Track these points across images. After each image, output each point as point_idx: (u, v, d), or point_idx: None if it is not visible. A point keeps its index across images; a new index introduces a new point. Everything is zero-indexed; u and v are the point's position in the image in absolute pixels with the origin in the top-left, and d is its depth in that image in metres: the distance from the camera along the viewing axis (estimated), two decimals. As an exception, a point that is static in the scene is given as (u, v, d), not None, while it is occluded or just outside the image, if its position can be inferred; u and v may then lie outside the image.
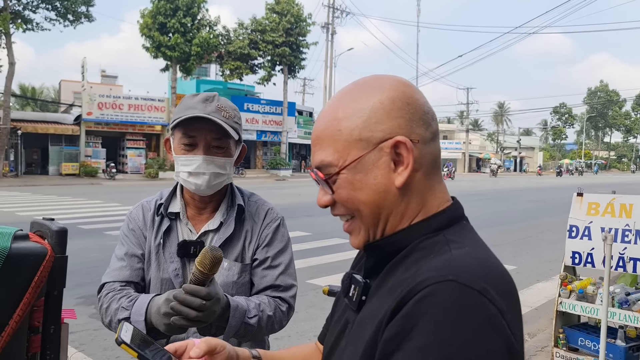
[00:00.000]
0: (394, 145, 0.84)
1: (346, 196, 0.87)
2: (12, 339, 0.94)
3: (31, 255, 0.97)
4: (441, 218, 0.87)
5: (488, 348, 0.70)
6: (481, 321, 0.71)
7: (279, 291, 1.65)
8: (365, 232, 0.89)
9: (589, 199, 4.29)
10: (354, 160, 0.85)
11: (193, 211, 1.70)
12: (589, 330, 4.39)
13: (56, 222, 1.07)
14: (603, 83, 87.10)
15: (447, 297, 0.72)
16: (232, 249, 1.66)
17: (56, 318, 1.03)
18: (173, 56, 31.79)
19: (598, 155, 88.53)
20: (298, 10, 37.60)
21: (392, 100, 0.85)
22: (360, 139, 0.85)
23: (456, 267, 0.76)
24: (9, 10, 26.59)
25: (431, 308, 0.71)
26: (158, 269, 1.65)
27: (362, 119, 0.85)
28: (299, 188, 25.39)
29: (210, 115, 1.54)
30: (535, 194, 25.86)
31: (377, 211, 0.86)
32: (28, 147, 31.26)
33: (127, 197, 18.54)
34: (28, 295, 0.95)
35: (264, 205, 1.76)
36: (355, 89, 0.90)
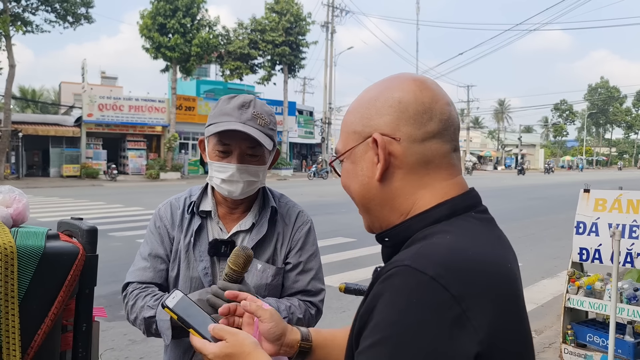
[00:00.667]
0: (373, 141, 0.89)
1: (343, 183, 0.97)
2: (47, 337, 0.95)
3: (65, 254, 0.97)
4: (440, 210, 0.88)
5: (429, 331, 0.72)
6: (427, 305, 0.73)
7: (309, 295, 1.67)
8: (364, 218, 0.98)
9: (596, 195, 4.29)
10: (347, 150, 0.94)
11: (224, 210, 1.69)
12: (597, 326, 4.39)
13: (86, 222, 1.08)
14: (604, 79, 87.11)
15: (399, 281, 0.76)
16: (263, 250, 1.66)
17: (88, 316, 1.04)
18: (173, 57, 31.79)
19: (599, 151, 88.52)
20: (297, 9, 37.60)
21: (386, 98, 0.90)
22: (355, 131, 0.93)
23: (419, 253, 0.79)
24: (9, 12, 26.60)
25: (386, 290, 0.76)
26: (187, 268, 1.64)
27: (360, 114, 0.93)
28: (301, 187, 25.40)
29: (246, 125, 1.53)
30: (536, 192, 25.87)
31: (363, 201, 0.94)
32: (29, 150, 31.27)
33: (129, 198, 18.55)
34: (62, 294, 0.96)
35: (294, 207, 1.76)
36: (369, 88, 0.97)
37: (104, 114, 31.63)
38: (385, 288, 0.77)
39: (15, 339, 0.90)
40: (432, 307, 0.72)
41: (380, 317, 0.75)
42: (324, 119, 44.46)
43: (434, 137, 0.89)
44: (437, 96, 0.91)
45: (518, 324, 0.81)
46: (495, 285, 0.79)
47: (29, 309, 0.93)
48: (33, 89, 46.20)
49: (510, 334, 0.78)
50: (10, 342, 0.89)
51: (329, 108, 44.08)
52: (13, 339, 0.89)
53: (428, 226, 0.87)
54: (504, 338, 0.76)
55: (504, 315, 0.78)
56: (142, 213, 14.45)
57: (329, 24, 43.42)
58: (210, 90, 40.04)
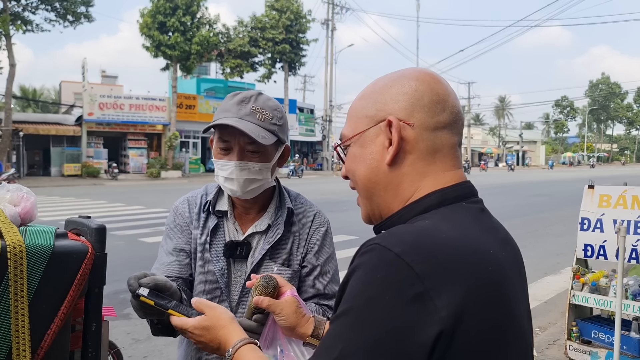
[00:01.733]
0: (387, 124, 0.90)
1: (348, 167, 0.98)
2: (57, 337, 0.94)
3: (74, 253, 0.96)
4: (431, 199, 0.89)
5: (388, 305, 0.74)
6: (388, 281, 0.76)
7: (326, 299, 1.63)
8: (364, 206, 0.98)
9: (601, 192, 4.27)
10: (357, 134, 0.94)
11: (240, 210, 1.66)
12: (602, 322, 4.38)
13: (94, 220, 1.06)
14: (604, 75, 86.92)
15: (368, 257, 0.79)
16: (279, 252, 1.62)
17: (97, 315, 1.03)
18: (173, 55, 31.75)
19: (601, 148, 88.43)
20: (298, 7, 37.54)
21: (401, 84, 0.92)
22: (367, 115, 0.93)
23: (390, 232, 0.82)
24: (9, 11, 26.57)
25: (357, 267, 0.80)
26: (203, 267, 1.61)
27: (372, 99, 0.94)
28: (302, 185, 25.38)
29: (242, 120, 1.49)
30: (539, 188, 25.84)
31: (369, 185, 0.93)
32: (30, 149, 31.27)
33: (131, 197, 18.55)
34: (72, 293, 0.95)
35: (311, 208, 1.71)
36: (382, 77, 0.97)
37: (104, 113, 31.61)
38: (357, 265, 0.80)
39: (25, 339, 0.88)
40: (393, 282, 0.74)
41: (349, 290, 0.79)
42: (325, 117, 44.43)
43: (445, 127, 0.91)
44: (449, 90, 0.94)
45: (495, 310, 0.79)
46: (469, 269, 0.78)
47: (38, 309, 0.92)
48: (34, 89, 46.19)
49: (484, 321, 0.77)
50: (20, 342, 0.88)
51: (330, 106, 44.06)
52: (23, 339, 0.88)
53: (417, 215, 0.88)
54: (474, 323, 0.75)
55: (477, 299, 0.77)
56: (144, 212, 14.45)
57: (329, 21, 43.37)
58: (211, 89, 40.01)
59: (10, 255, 0.88)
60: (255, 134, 1.47)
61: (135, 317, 5.44)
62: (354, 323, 0.76)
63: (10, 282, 0.88)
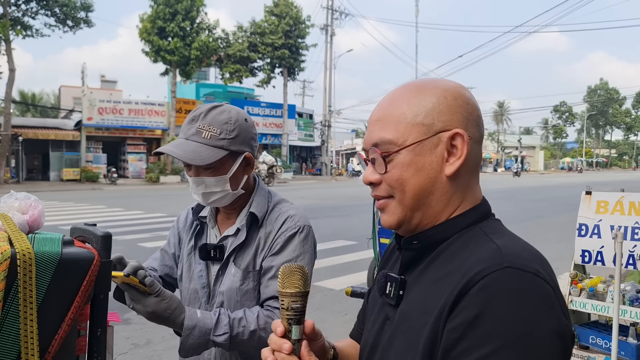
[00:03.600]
0: (452, 136, 0.91)
1: (397, 176, 0.92)
2: (64, 342, 0.96)
3: (81, 260, 0.98)
4: (475, 213, 0.94)
5: (549, 322, 0.76)
6: (539, 300, 0.77)
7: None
8: (402, 213, 0.94)
9: (598, 197, 4.30)
10: (415, 142, 0.91)
11: (222, 216, 1.76)
12: (600, 328, 4.40)
13: (100, 228, 1.09)
14: (603, 81, 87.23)
15: (507, 283, 0.78)
16: (244, 255, 1.67)
17: (103, 321, 1.05)
18: (172, 60, 31.84)
19: (599, 153, 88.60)
20: (297, 12, 37.69)
21: (455, 97, 0.93)
22: (423, 124, 0.91)
23: (507, 254, 0.82)
24: (9, 16, 26.64)
25: (493, 296, 0.77)
26: (189, 269, 1.75)
27: (426, 108, 0.92)
28: (301, 191, 25.41)
29: (187, 141, 1.58)
30: (538, 194, 25.88)
31: (422, 195, 0.92)
32: (29, 154, 31.30)
33: (130, 202, 18.56)
34: (78, 299, 0.97)
35: (286, 212, 1.71)
36: (419, 83, 0.98)
37: (103, 118, 31.66)
38: (490, 295, 0.77)
39: (33, 344, 0.91)
40: (543, 301, 0.77)
41: (494, 325, 0.75)
42: (324, 122, 44.51)
43: (481, 142, 0.97)
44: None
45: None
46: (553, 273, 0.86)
47: (46, 314, 0.94)
48: (33, 93, 46.26)
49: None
50: (29, 346, 0.90)
51: (329, 111, 44.14)
52: (32, 343, 0.90)
53: (465, 228, 0.92)
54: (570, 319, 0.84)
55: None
56: (143, 217, 14.46)
57: (329, 26, 43.50)
58: (210, 94, 40.11)
59: (20, 262, 0.90)
60: (192, 156, 1.54)
61: (135, 322, 5.47)
62: (525, 352, 0.74)
63: (19, 288, 0.90)
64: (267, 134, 39.83)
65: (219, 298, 1.67)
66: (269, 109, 40.06)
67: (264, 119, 39.56)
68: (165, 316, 1.42)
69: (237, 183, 1.64)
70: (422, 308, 0.88)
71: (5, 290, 0.89)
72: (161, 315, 1.41)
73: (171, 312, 1.43)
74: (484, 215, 0.95)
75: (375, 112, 0.98)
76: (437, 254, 0.93)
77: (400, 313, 0.93)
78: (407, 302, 0.93)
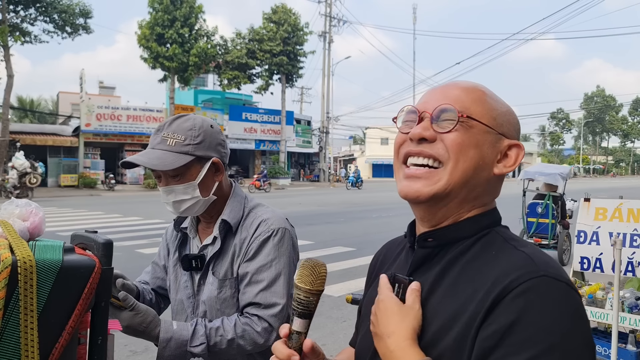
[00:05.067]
0: (512, 145, 0.96)
1: (460, 141, 0.91)
2: (64, 350, 0.96)
3: (82, 267, 0.98)
4: (492, 216, 0.97)
5: (583, 333, 0.78)
6: (574, 311, 0.78)
7: (259, 309, 1.60)
8: (445, 185, 0.91)
9: (597, 204, 4.31)
10: (487, 125, 0.93)
11: (203, 225, 1.78)
12: (599, 335, 4.40)
13: (101, 235, 1.08)
14: (599, 88, 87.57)
15: (544, 292, 0.78)
16: (221, 263, 1.67)
17: (103, 329, 1.05)
18: (171, 67, 31.88)
19: (596, 160, 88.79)
20: (295, 19, 37.80)
21: (517, 119, 1.01)
22: (495, 118, 0.95)
23: (540, 263, 0.83)
24: (7, 22, 26.66)
25: (531, 303, 0.77)
26: (175, 280, 1.78)
27: (501, 110, 0.97)
28: (299, 197, 25.39)
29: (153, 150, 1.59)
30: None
31: (470, 175, 0.92)
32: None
33: (128, 208, 18.52)
34: (79, 307, 0.97)
35: (260, 216, 1.69)
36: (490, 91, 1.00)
37: (102, 124, 31.64)
38: (527, 302, 0.78)
39: (34, 353, 0.90)
40: (577, 311, 0.79)
41: (531, 331, 0.76)
42: (322, 128, 44.56)
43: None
44: None
45: None
46: None
47: (47, 322, 0.93)
48: (31, 99, 46.18)
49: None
50: (30, 355, 0.90)
51: (327, 117, 44.21)
52: (32, 352, 0.90)
53: (481, 230, 0.93)
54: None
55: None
56: (141, 223, 14.42)
57: (327, 33, 43.63)
58: (208, 100, 40.14)
59: (21, 269, 0.90)
60: (157, 162, 1.56)
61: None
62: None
63: (20, 296, 0.90)
64: (265, 140, 39.84)
65: (201, 307, 1.69)
66: (267, 115, 40.09)
67: (262, 125, 39.57)
68: (140, 330, 1.43)
69: (207, 189, 1.64)
70: (440, 312, 0.87)
71: (6, 298, 0.88)
72: (136, 329, 1.43)
73: (146, 325, 1.44)
74: (497, 220, 0.97)
75: (443, 87, 0.98)
76: (455, 256, 0.91)
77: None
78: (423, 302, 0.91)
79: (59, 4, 28.07)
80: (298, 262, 1.25)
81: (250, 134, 38.73)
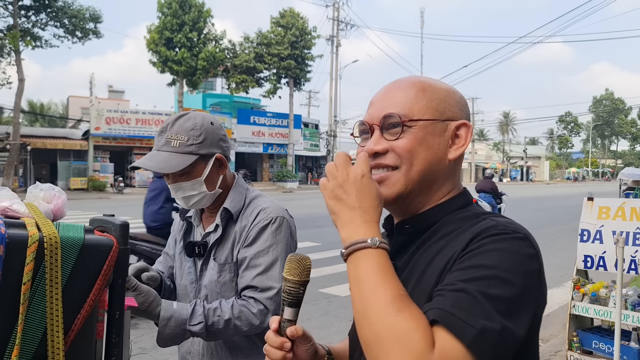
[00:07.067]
0: (458, 125, 1.02)
1: (409, 147, 0.98)
2: (85, 322, 1.04)
3: (101, 246, 1.06)
4: (463, 198, 1.05)
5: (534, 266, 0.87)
6: (530, 258, 0.86)
7: (255, 292, 1.68)
8: (404, 186, 0.99)
9: (600, 203, 4.35)
10: (430, 119, 1.00)
11: (206, 214, 1.88)
12: (603, 333, 4.43)
13: (118, 217, 1.16)
14: (608, 91, 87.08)
15: (502, 240, 0.87)
16: (222, 250, 1.77)
17: (120, 304, 1.12)
18: (180, 71, 32.10)
19: (605, 163, 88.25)
20: (303, 23, 37.94)
21: (460, 96, 1.07)
22: (437, 108, 1.01)
23: (502, 223, 0.91)
24: (19, 27, 26.98)
25: (485, 244, 0.86)
26: (180, 266, 1.88)
27: (440, 97, 1.02)
28: (307, 200, 25.46)
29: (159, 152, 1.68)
30: (542, 203, 25.81)
31: (427, 172, 0.99)
32: (37, 163, 31.52)
33: (137, 211, 18.56)
34: (99, 282, 1.05)
35: (260, 205, 1.78)
36: (426, 78, 1.07)
37: (111, 127, 31.89)
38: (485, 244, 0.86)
39: (58, 321, 0.98)
40: (528, 257, 0.86)
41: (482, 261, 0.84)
42: (330, 132, 44.63)
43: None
44: None
45: None
46: None
47: (70, 295, 1.01)
48: (41, 103, 46.65)
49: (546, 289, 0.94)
50: (55, 323, 0.98)
51: (335, 121, 44.27)
52: (57, 320, 0.98)
53: (455, 211, 1.01)
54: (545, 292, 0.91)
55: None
56: (150, 225, 14.52)
57: (334, 37, 43.74)
58: (217, 104, 40.34)
59: (47, 245, 0.98)
60: (163, 165, 1.65)
61: (142, 326, 5.53)
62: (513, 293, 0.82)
63: (46, 269, 0.98)
64: (272, 144, 39.97)
65: (203, 291, 1.78)
66: (275, 119, 40.22)
67: (270, 129, 39.71)
68: (142, 309, 1.52)
69: (213, 183, 1.75)
70: (416, 284, 0.94)
71: (34, 271, 0.97)
72: (139, 308, 1.51)
73: (148, 305, 1.52)
74: (469, 201, 1.04)
75: (384, 92, 1.05)
76: (428, 236, 0.99)
77: None
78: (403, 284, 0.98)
79: (70, 9, 28.37)
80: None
81: (258, 138, 38.88)
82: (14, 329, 0.95)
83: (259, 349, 1.75)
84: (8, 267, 0.94)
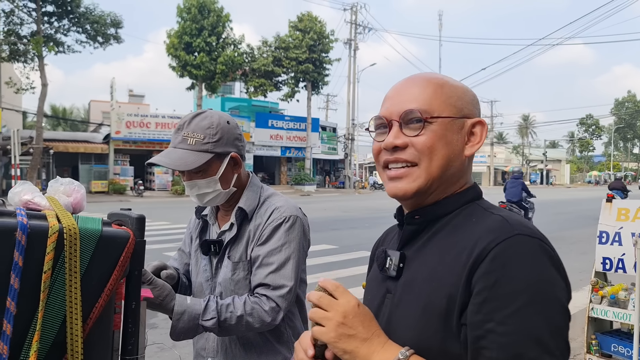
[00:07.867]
0: (476, 123, 1.05)
1: (430, 143, 1.00)
2: (103, 311, 1.07)
3: (118, 237, 1.10)
4: (472, 192, 1.07)
5: (557, 283, 0.88)
6: (549, 264, 0.88)
7: (268, 289, 1.70)
8: (425, 181, 1.01)
9: (619, 205, 4.30)
10: (449, 116, 1.02)
11: (222, 213, 1.90)
12: (622, 336, 4.37)
13: (134, 211, 1.20)
14: (631, 93, 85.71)
15: (519, 249, 0.88)
16: (237, 248, 1.79)
17: (137, 295, 1.16)
18: (199, 75, 32.41)
19: (627, 166, 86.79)
20: (321, 27, 38.04)
21: (474, 95, 1.10)
22: (455, 105, 1.04)
23: (515, 223, 0.93)
24: (42, 33, 27.50)
25: (509, 259, 0.87)
26: (196, 264, 1.91)
27: (457, 94, 1.05)
28: (324, 203, 25.49)
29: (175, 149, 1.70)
30: (561, 206, 25.50)
31: (446, 167, 1.02)
32: (59, 166, 32.04)
33: (156, 213, 18.86)
34: (116, 272, 1.09)
35: (274, 204, 1.80)
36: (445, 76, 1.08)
37: (131, 131, 32.30)
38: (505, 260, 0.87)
39: (77, 309, 1.02)
40: (552, 264, 0.88)
41: (515, 284, 0.85)
42: (347, 135, 44.64)
43: None
44: None
45: None
46: None
47: (88, 284, 1.06)
48: (64, 108, 47.49)
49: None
50: (74, 311, 1.02)
51: (352, 124, 44.27)
52: (76, 308, 1.02)
53: (464, 204, 1.03)
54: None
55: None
56: (169, 227, 14.71)
57: (352, 41, 43.78)
58: (235, 107, 40.61)
59: (67, 236, 1.02)
60: (179, 163, 1.67)
61: (161, 326, 5.59)
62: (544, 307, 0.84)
63: (66, 259, 1.02)
64: (290, 147, 40.11)
65: (218, 289, 1.81)
66: (293, 122, 40.37)
67: (288, 132, 39.86)
68: (157, 302, 1.55)
69: (227, 182, 1.76)
70: (429, 277, 0.96)
71: (54, 260, 1.01)
72: (153, 302, 1.54)
73: (162, 298, 1.56)
74: (479, 195, 1.07)
75: (401, 87, 1.07)
76: (439, 228, 1.02)
77: (404, 284, 1.01)
78: (410, 273, 1.01)
79: (91, 14, 28.86)
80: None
81: (276, 141, 39.05)
82: (35, 316, 0.99)
83: (272, 346, 1.78)
84: (30, 256, 0.99)
